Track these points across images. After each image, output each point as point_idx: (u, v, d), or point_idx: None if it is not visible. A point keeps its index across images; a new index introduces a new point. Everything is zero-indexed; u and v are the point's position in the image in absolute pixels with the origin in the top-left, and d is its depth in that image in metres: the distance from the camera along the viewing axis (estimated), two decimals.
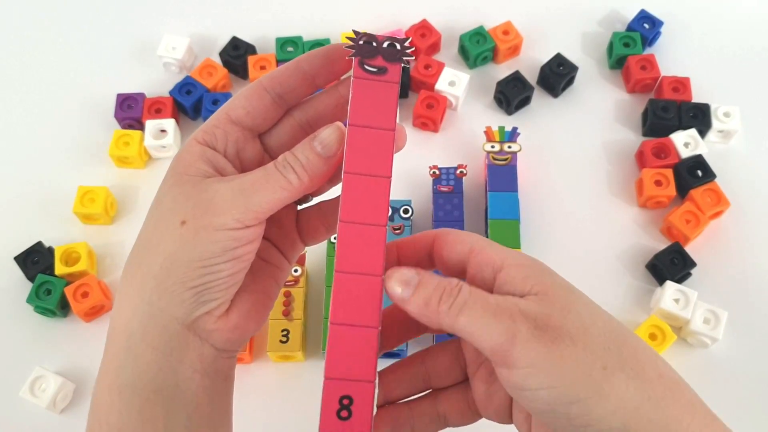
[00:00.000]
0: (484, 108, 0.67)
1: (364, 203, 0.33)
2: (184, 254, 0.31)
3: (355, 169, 0.33)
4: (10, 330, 0.58)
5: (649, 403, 0.28)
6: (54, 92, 0.68)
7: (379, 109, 0.33)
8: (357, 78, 0.33)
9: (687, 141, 0.62)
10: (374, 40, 0.33)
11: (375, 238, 0.32)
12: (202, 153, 0.33)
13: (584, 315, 0.30)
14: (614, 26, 0.71)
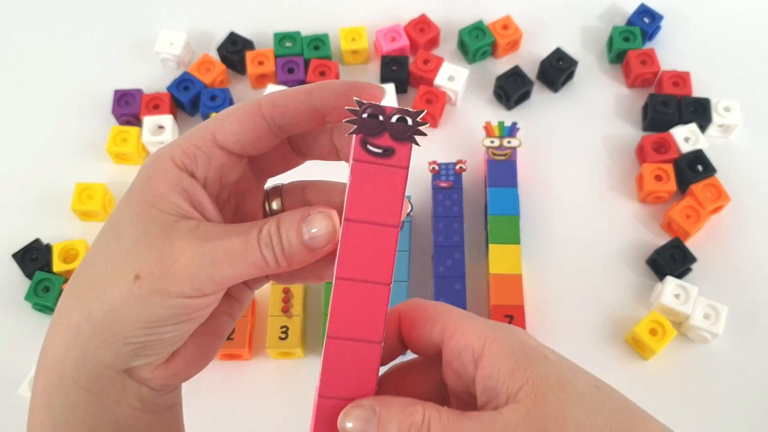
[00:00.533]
0: (483, 103, 0.67)
1: (357, 314, 0.28)
2: (129, 312, 0.28)
3: (349, 274, 0.28)
4: (8, 327, 0.57)
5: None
6: (51, 89, 0.68)
7: (382, 200, 0.28)
8: (357, 161, 0.28)
9: (687, 136, 0.62)
10: (381, 113, 0.28)
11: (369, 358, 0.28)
12: (177, 181, 0.28)
13: (582, 416, 0.27)
14: (614, 20, 0.71)
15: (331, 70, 0.66)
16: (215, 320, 0.31)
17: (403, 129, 0.28)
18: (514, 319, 0.54)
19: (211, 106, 0.64)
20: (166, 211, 0.28)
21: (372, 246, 0.28)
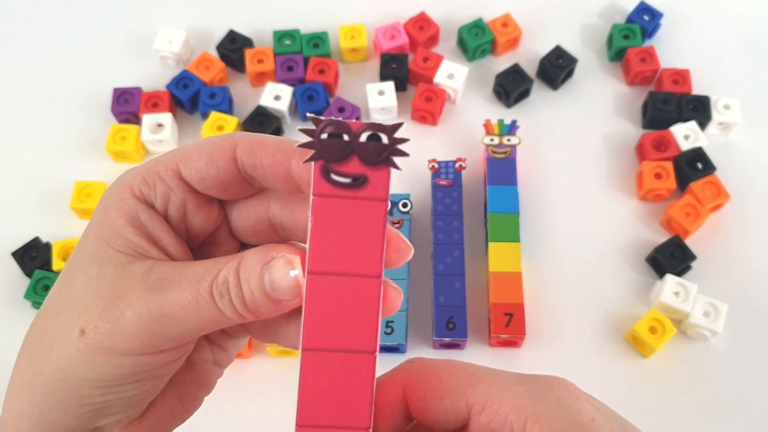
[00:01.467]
0: (483, 101, 0.67)
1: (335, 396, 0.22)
2: (79, 372, 0.25)
3: (318, 344, 0.21)
4: (8, 326, 0.57)
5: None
6: (50, 87, 0.68)
7: (356, 244, 0.22)
8: (319, 196, 0.22)
9: (687, 133, 0.62)
10: (346, 131, 0.22)
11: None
12: (133, 214, 0.25)
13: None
14: (614, 18, 0.71)
15: (330, 68, 0.66)
16: (196, 369, 0.28)
17: (376, 150, 0.21)
18: (514, 317, 0.54)
19: (210, 104, 0.64)
20: (121, 251, 0.25)
21: (347, 304, 0.21)
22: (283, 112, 0.64)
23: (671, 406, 0.54)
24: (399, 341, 0.53)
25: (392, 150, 0.21)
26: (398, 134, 0.22)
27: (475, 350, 0.56)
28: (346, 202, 0.21)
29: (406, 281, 0.55)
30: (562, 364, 0.55)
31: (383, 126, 0.21)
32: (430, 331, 0.55)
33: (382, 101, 0.64)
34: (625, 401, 0.55)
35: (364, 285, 0.21)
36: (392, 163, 0.21)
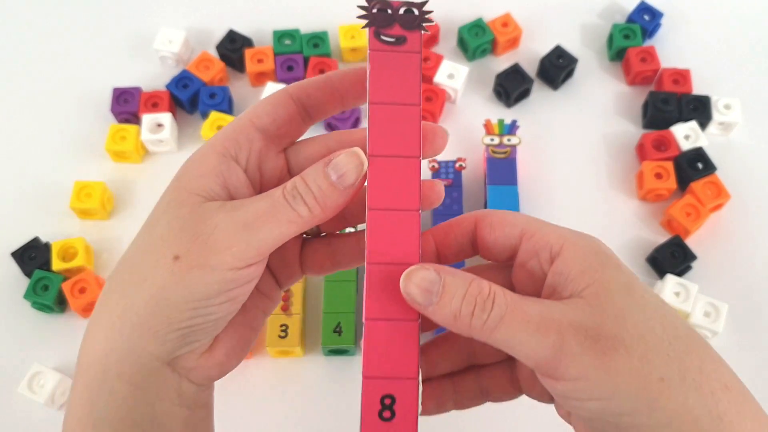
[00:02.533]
0: (483, 101, 0.67)
1: (393, 188, 0.29)
2: (173, 294, 0.28)
3: (381, 151, 0.29)
4: (7, 326, 0.57)
5: (709, 417, 0.26)
6: (50, 87, 0.68)
7: (401, 82, 0.30)
8: (373, 51, 0.30)
9: (687, 133, 0.62)
10: (389, 7, 0.30)
11: (408, 224, 0.29)
12: (216, 166, 0.30)
13: (642, 321, 0.27)
14: (614, 18, 0.71)
15: (330, 67, 0.66)
16: (249, 314, 0.32)
17: (411, 19, 0.30)
18: None
19: (210, 104, 0.64)
20: (195, 193, 0.29)
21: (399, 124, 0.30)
22: None
23: None
24: None
25: (422, 18, 0.30)
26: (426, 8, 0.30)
27: None
28: (392, 54, 0.30)
29: None
30: None
31: (415, 2, 0.30)
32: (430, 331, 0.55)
33: None
34: None
35: (409, 111, 0.30)
36: (422, 27, 0.30)
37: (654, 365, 0.26)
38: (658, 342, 0.26)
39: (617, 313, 0.27)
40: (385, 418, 0.29)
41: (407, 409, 0.29)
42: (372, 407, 0.29)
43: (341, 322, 0.54)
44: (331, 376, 0.55)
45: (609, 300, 0.27)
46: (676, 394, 0.26)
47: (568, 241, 0.29)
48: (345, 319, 0.54)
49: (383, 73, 0.30)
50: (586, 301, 0.27)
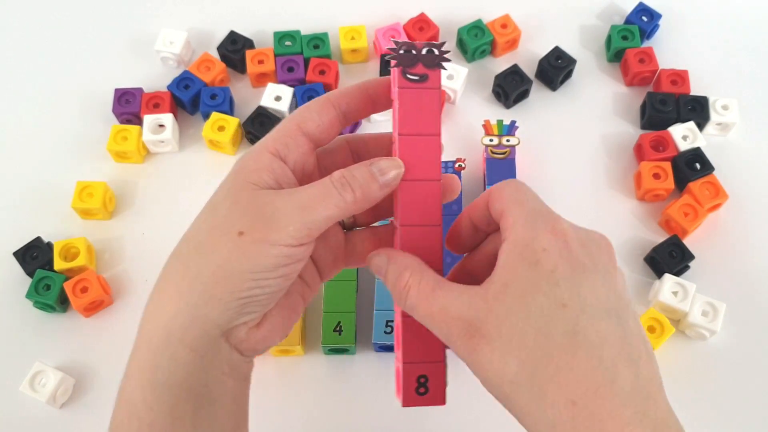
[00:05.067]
0: (482, 101, 0.67)
1: (419, 207, 0.36)
2: (238, 265, 0.32)
3: (409, 176, 0.35)
4: (9, 325, 0.58)
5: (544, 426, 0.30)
6: (52, 88, 0.68)
7: (424, 115, 0.35)
8: (401, 88, 0.35)
9: (685, 134, 0.62)
10: (413, 48, 0.35)
11: (432, 239, 0.36)
12: (269, 164, 0.34)
13: (520, 323, 0.30)
14: (612, 19, 0.71)
15: (330, 68, 0.66)
16: (292, 297, 0.36)
17: (431, 58, 0.35)
18: None
19: (211, 105, 0.64)
20: (252, 182, 0.33)
21: (422, 153, 0.35)
22: (284, 113, 0.64)
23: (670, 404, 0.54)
24: None
25: (441, 58, 0.35)
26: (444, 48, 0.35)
27: None
28: (416, 90, 0.35)
29: None
30: None
31: (435, 44, 0.35)
32: None
33: None
34: None
35: (431, 141, 0.35)
36: (442, 66, 0.35)
37: (509, 367, 0.29)
38: (521, 345, 0.29)
39: (502, 312, 0.30)
40: (421, 393, 0.36)
41: (437, 384, 0.37)
42: (410, 385, 0.36)
43: (341, 322, 0.55)
44: (331, 375, 0.56)
45: (504, 298, 0.30)
46: (522, 398, 0.30)
47: (511, 232, 0.32)
48: (345, 319, 0.55)
49: (409, 107, 0.35)
50: (486, 294, 0.31)
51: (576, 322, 0.30)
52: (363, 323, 0.56)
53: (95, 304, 0.57)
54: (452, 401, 0.56)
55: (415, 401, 0.36)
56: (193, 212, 0.35)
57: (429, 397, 0.37)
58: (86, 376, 0.56)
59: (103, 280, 0.58)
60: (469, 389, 0.55)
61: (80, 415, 0.54)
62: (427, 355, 0.36)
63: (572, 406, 0.29)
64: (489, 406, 0.56)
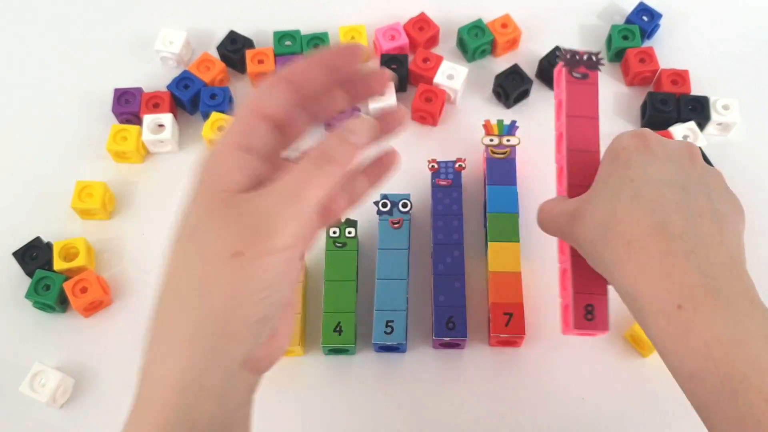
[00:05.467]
0: (482, 101, 0.67)
1: (582, 172, 0.46)
2: (245, 289, 0.29)
3: (574, 146, 0.47)
4: (9, 326, 0.58)
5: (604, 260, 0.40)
6: (51, 88, 0.68)
7: (585, 103, 0.48)
8: (569, 83, 0.48)
9: (686, 134, 0.62)
10: (577, 54, 0.48)
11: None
12: (238, 161, 0.31)
13: (599, 209, 0.40)
14: (613, 19, 0.71)
15: None
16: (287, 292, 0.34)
17: (591, 63, 0.48)
18: (514, 316, 0.54)
19: (210, 105, 0.64)
20: (226, 190, 0.30)
21: (584, 134, 0.47)
22: None
23: (670, 405, 0.54)
24: (399, 341, 0.54)
25: (598, 62, 0.48)
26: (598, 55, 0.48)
27: (475, 350, 0.56)
28: (579, 85, 0.48)
29: (406, 281, 0.56)
30: (561, 363, 0.56)
31: (593, 52, 0.48)
32: (430, 331, 0.56)
33: (382, 102, 0.64)
34: (624, 400, 0.55)
35: (590, 122, 0.47)
36: (599, 68, 0.48)
37: (591, 232, 0.40)
38: (599, 215, 0.40)
39: (591, 200, 0.41)
40: (588, 319, 0.45)
41: (601, 313, 0.45)
42: (580, 312, 0.45)
43: (341, 322, 0.54)
44: (331, 375, 0.56)
45: (592, 191, 0.42)
46: (598, 251, 0.40)
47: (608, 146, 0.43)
48: (345, 319, 0.55)
49: (575, 96, 0.48)
50: (585, 196, 0.42)
51: (639, 189, 0.39)
52: (363, 323, 0.56)
53: (95, 304, 0.57)
54: (452, 401, 0.56)
55: (584, 325, 0.45)
56: None
57: (595, 323, 0.45)
58: (86, 377, 0.55)
59: (102, 280, 0.58)
60: (469, 390, 0.55)
61: (80, 416, 0.54)
62: (594, 288, 0.45)
63: (628, 245, 0.38)
64: (489, 406, 0.56)
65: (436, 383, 0.55)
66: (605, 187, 0.41)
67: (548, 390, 0.55)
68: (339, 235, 0.58)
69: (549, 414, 0.54)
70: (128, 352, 0.56)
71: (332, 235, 0.58)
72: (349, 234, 0.58)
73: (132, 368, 0.57)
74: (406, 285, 0.55)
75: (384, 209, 0.58)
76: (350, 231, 0.58)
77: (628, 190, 0.39)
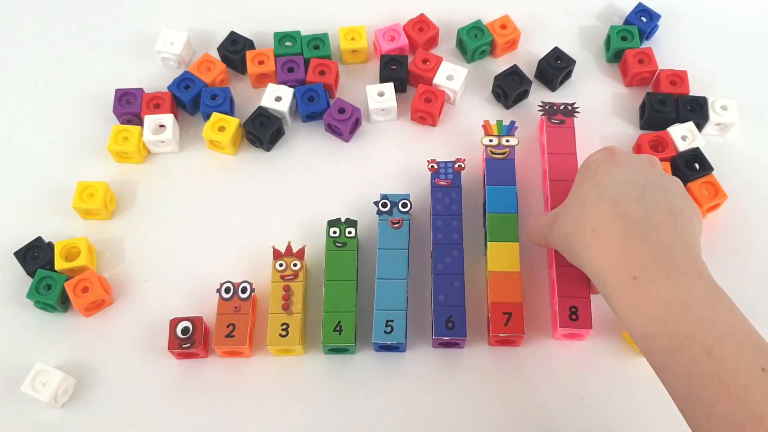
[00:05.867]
0: (482, 102, 0.67)
1: (561, 198, 0.53)
2: None
3: (556, 177, 0.58)
4: (11, 325, 0.58)
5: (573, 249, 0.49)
6: (53, 88, 0.69)
7: (563, 142, 0.60)
8: (548, 127, 0.61)
9: (684, 134, 0.62)
10: (555, 105, 0.62)
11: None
12: None
13: (574, 212, 0.48)
14: (612, 20, 0.71)
15: (330, 69, 0.66)
16: None
17: (567, 111, 0.61)
18: (513, 316, 0.54)
19: (211, 105, 0.64)
20: None
21: (563, 167, 0.59)
22: (284, 113, 0.64)
23: (668, 404, 0.54)
24: (398, 340, 0.54)
25: (573, 111, 0.61)
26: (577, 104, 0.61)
27: (474, 349, 0.56)
28: (558, 129, 0.61)
29: (406, 281, 0.56)
30: (560, 363, 0.56)
31: (568, 104, 0.61)
32: (430, 330, 0.56)
33: (382, 102, 0.64)
34: (622, 399, 0.55)
35: (568, 158, 0.59)
36: (574, 115, 0.61)
37: (567, 228, 0.49)
38: (572, 213, 0.48)
39: (566, 209, 0.50)
40: (573, 320, 0.53)
41: (584, 314, 0.53)
42: (565, 313, 0.53)
43: (341, 321, 0.55)
44: (331, 374, 0.56)
45: (568, 202, 0.50)
46: (572, 243, 0.48)
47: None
48: (345, 319, 0.55)
49: (553, 138, 0.60)
50: (562, 204, 0.51)
51: (604, 189, 0.47)
52: (363, 323, 0.56)
53: (96, 303, 0.57)
54: (452, 401, 0.56)
55: (569, 324, 0.53)
56: (194, 212, 0.35)
57: (579, 322, 0.53)
58: (87, 376, 0.56)
59: (103, 280, 0.58)
60: (468, 389, 0.56)
61: (81, 415, 0.55)
62: (576, 292, 0.53)
63: (593, 233, 0.46)
64: (488, 406, 0.56)
65: (435, 383, 0.55)
66: (576, 193, 0.49)
67: (547, 389, 0.55)
68: (339, 235, 0.58)
69: (548, 413, 0.54)
70: (129, 352, 0.57)
71: (332, 235, 0.58)
72: (349, 234, 0.58)
73: (132, 368, 0.57)
74: (405, 285, 0.56)
75: (384, 209, 0.58)
76: (350, 231, 0.58)
77: (595, 191, 0.47)
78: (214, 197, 0.63)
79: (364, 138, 0.66)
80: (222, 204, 0.62)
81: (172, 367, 0.56)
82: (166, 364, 0.56)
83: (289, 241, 0.58)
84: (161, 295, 0.59)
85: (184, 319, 0.55)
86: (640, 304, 0.42)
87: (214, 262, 0.59)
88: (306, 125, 0.66)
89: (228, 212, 0.62)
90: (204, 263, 0.59)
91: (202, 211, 0.62)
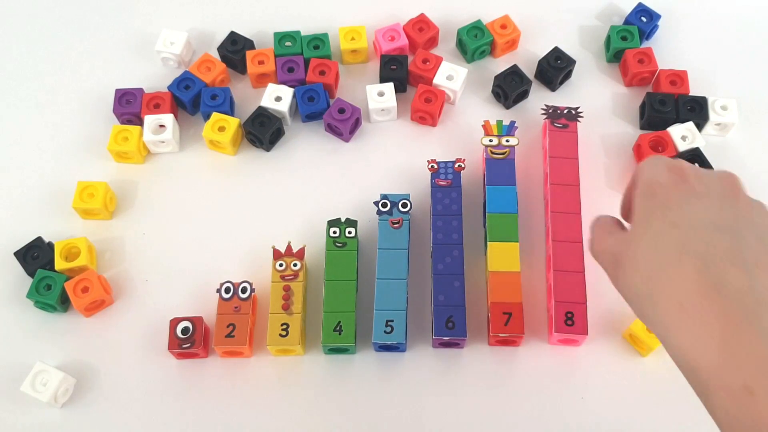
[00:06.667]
0: (482, 102, 0.67)
1: (564, 203, 0.57)
2: None
3: (557, 181, 0.58)
4: (10, 325, 0.58)
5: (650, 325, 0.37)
6: (53, 88, 0.69)
7: (566, 146, 0.60)
8: (551, 131, 0.61)
9: (684, 134, 0.62)
10: (559, 108, 0.62)
11: (573, 224, 0.57)
12: None
13: (643, 254, 0.37)
14: (612, 20, 0.71)
15: (330, 69, 0.66)
16: None
17: (571, 115, 0.61)
18: (513, 316, 0.54)
19: (211, 105, 0.64)
20: None
21: (565, 171, 0.59)
22: (284, 113, 0.64)
23: (669, 404, 0.54)
24: (398, 340, 0.54)
25: (577, 114, 0.61)
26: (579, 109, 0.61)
27: (474, 349, 0.56)
28: (561, 133, 0.61)
29: (406, 281, 0.56)
30: (560, 363, 0.56)
31: (572, 107, 0.62)
32: (430, 330, 0.56)
33: (382, 102, 0.64)
34: (622, 399, 0.55)
35: (571, 162, 0.59)
36: (578, 120, 0.61)
37: (636, 285, 0.37)
38: (642, 265, 0.36)
39: (632, 243, 0.38)
40: (568, 325, 0.53)
41: (581, 320, 0.53)
42: (561, 319, 0.53)
43: (341, 321, 0.55)
44: (331, 374, 0.56)
45: (633, 231, 0.38)
46: (645, 308, 0.36)
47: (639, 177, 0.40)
48: (345, 319, 0.55)
49: (556, 142, 0.60)
50: (627, 236, 0.39)
51: (685, 238, 0.35)
52: (363, 323, 0.56)
53: (96, 304, 0.57)
54: (452, 400, 0.56)
55: (564, 329, 0.53)
56: (194, 212, 0.34)
57: (575, 328, 0.53)
58: (87, 376, 0.56)
59: (103, 280, 0.58)
60: (468, 389, 0.56)
61: (81, 415, 0.55)
62: (573, 297, 0.53)
63: (680, 309, 0.34)
64: (488, 406, 0.56)
65: (435, 383, 0.55)
66: (646, 232, 0.37)
67: (547, 389, 0.55)
68: (339, 235, 0.58)
69: (548, 413, 0.54)
70: (129, 352, 0.57)
71: (332, 235, 0.58)
72: (349, 234, 0.58)
73: (132, 368, 0.57)
74: (405, 285, 0.56)
75: (384, 209, 0.58)
76: (350, 231, 0.58)
77: (671, 236, 0.35)
78: (214, 197, 0.63)
79: (364, 138, 0.66)
80: (222, 204, 0.62)
81: (172, 367, 0.56)
82: (166, 364, 0.56)
83: (289, 241, 0.58)
84: (161, 295, 0.59)
85: (184, 319, 0.55)
86: (759, 427, 0.30)
87: (214, 262, 0.59)
88: (306, 125, 0.66)
89: (228, 212, 0.62)
90: (204, 263, 0.59)
91: (202, 211, 0.62)
